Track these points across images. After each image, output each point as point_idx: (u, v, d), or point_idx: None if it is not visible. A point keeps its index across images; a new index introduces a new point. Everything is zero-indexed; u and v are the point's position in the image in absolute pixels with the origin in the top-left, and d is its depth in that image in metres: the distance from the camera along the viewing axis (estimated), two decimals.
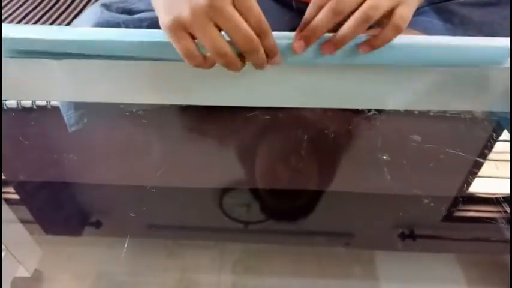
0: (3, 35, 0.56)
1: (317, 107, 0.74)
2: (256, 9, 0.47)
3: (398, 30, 0.51)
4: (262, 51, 0.49)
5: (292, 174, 0.71)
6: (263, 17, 0.47)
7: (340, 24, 0.51)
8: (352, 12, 0.50)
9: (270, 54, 0.51)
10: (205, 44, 0.46)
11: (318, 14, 0.50)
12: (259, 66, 0.51)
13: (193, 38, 0.48)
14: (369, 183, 0.69)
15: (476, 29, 0.74)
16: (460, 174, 0.70)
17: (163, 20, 0.47)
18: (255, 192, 0.69)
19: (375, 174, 0.68)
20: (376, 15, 0.49)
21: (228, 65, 0.49)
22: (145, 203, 0.65)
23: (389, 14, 0.51)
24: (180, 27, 0.46)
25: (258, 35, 0.48)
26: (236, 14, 0.45)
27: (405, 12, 0.50)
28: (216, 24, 0.46)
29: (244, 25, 0.46)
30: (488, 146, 0.73)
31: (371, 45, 0.52)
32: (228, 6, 0.45)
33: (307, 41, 0.52)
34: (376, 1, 0.49)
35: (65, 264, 0.60)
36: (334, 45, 0.52)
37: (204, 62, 0.50)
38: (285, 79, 0.61)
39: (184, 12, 0.45)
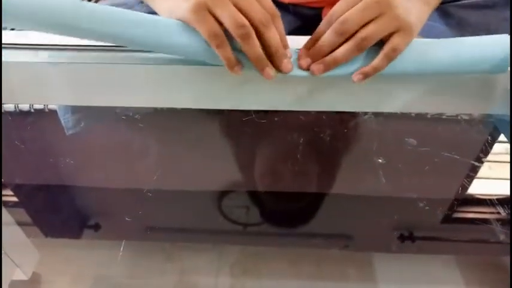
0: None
1: (314, 110, 0.75)
2: None
3: (389, 60, 0.53)
4: (274, 29, 0.52)
5: (288, 177, 0.72)
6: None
7: None
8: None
9: (281, 37, 0.54)
10: (226, 18, 0.50)
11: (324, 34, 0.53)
12: (275, 48, 0.53)
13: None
14: (365, 186, 0.70)
15: (472, 31, 0.74)
16: (455, 177, 0.71)
17: (185, 6, 0.51)
18: (252, 195, 0.70)
19: (372, 177, 0.69)
20: (370, 43, 0.52)
21: (247, 38, 0.50)
22: (142, 206, 0.65)
23: (388, 37, 0.53)
24: (202, 8, 0.50)
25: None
26: None
27: (400, 42, 0.53)
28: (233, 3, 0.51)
29: (257, 3, 0.52)
30: (484, 149, 0.73)
31: (364, 73, 0.54)
32: None
33: (313, 59, 0.54)
34: (373, 31, 0.51)
35: (63, 267, 0.60)
36: (325, 66, 0.54)
37: (225, 42, 0.52)
38: (281, 83, 0.61)
39: None
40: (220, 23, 0.51)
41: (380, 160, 0.71)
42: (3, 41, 0.61)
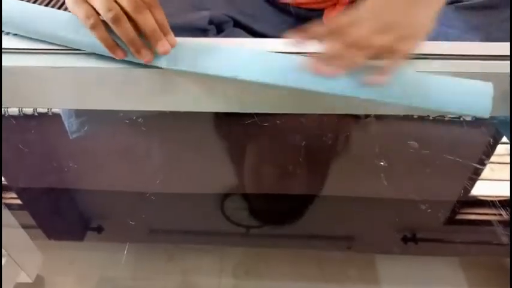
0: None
1: (315, 113, 0.75)
2: None
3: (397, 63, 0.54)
4: (148, 15, 0.53)
5: (290, 179, 0.72)
6: None
7: None
8: None
9: (161, 27, 0.55)
10: (97, 4, 0.51)
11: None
12: (150, 30, 0.54)
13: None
14: (367, 189, 0.70)
15: (473, 32, 0.74)
16: (457, 179, 0.71)
17: None
18: (254, 198, 0.70)
19: (374, 179, 0.69)
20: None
21: (117, 20, 0.52)
22: (145, 208, 0.66)
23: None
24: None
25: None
26: None
27: (407, 45, 0.53)
28: None
29: None
30: (486, 151, 0.73)
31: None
32: None
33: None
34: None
35: (66, 269, 0.60)
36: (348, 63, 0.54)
37: (99, 24, 0.53)
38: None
39: None
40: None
41: (382, 163, 0.71)
42: (7, 47, 0.62)
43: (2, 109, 0.77)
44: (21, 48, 0.62)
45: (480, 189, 0.68)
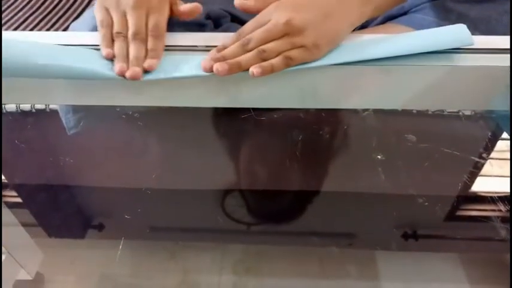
0: None
1: (313, 107, 0.75)
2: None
3: (285, 65, 0.56)
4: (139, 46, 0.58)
5: (287, 175, 0.72)
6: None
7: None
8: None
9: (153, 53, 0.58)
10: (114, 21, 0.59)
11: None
12: (132, 54, 0.57)
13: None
14: (365, 183, 0.70)
15: (472, 26, 0.74)
16: (456, 174, 0.71)
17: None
18: (253, 194, 0.70)
19: (371, 174, 0.69)
20: (271, 56, 0.55)
21: (118, 38, 0.58)
22: (145, 205, 0.66)
23: None
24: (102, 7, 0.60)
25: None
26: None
27: (297, 56, 0.56)
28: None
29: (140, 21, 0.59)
30: (485, 145, 0.74)
31: (262, 67, 0.55)
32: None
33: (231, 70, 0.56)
34: (273, 46, 0.55)
35: (66, 267, 0.60)
36: (229, 67, 0.55)
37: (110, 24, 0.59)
38: (281, 79, 0.61)
39: None
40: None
41: (379, 157, 0.71)
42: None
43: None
44: None
45: (480, 184, 0.69)
